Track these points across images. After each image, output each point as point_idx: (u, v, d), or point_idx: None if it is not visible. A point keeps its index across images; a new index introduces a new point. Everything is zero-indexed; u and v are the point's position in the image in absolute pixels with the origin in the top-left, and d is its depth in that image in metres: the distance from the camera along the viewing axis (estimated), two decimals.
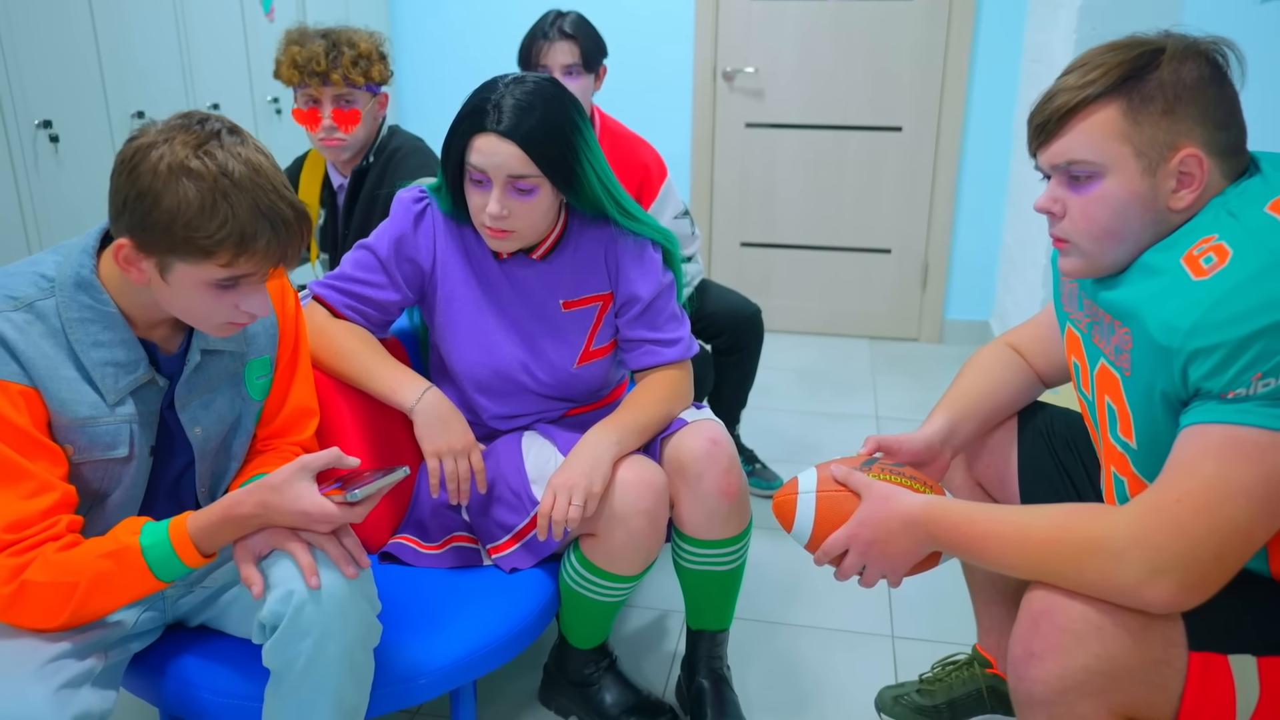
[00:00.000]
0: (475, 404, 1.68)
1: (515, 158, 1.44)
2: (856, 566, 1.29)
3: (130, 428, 1.23)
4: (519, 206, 1.48)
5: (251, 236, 1.11)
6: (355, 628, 1.21)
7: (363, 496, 1.18)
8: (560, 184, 1.50)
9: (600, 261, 1.63)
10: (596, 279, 1.64)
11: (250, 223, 1.11)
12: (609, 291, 1.65)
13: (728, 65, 3.82)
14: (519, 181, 1.46)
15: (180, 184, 1.09)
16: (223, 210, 1.10)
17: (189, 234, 1.10)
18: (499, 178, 1.45)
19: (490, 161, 1.45)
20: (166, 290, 1.16)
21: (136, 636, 1.31)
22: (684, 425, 1.58)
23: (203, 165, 1.09)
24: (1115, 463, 1.26)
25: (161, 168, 1.09)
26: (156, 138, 1.11)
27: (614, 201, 1.58)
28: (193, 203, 1.09)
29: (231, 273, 1.14)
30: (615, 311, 1.66)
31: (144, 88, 2.60)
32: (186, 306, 1.18)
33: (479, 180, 1.48)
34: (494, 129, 1.44)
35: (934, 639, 2.04)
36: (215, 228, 1.10)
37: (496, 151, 1.44)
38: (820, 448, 3.00)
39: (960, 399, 1.48)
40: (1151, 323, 1.08)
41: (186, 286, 1.15)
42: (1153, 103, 1.09)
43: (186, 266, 1.13)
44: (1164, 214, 1.12)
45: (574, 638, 1.70)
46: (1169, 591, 1.01)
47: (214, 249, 1.11)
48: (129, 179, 1.10)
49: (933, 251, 3.87)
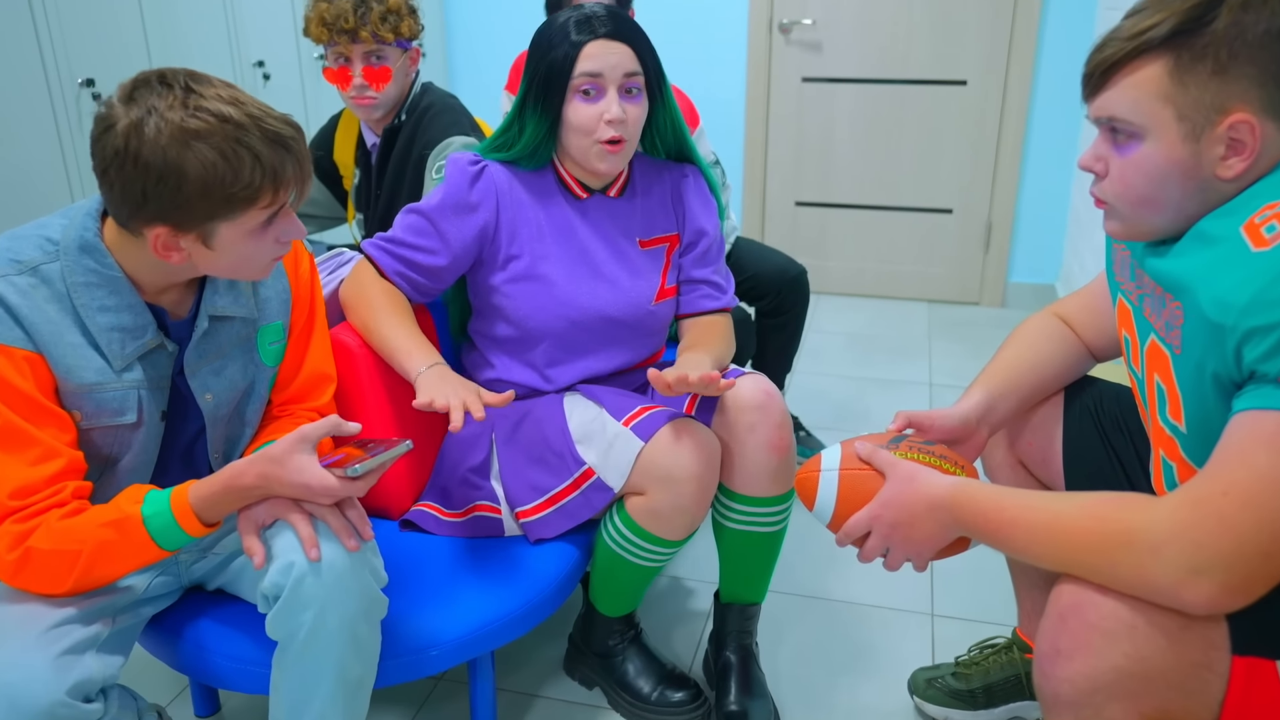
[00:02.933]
0: (542, 357, 1.64)
1: (627, 55, 1.52)
2: (879, 549, 1.23)
3: (138, 393, 1.22)
4: (631, 110, 1.54)
5: (280, 166, 1.11)
6: (357, 600, 1.19)
7: (364, 471, 1.16)
8: (655, 88, 1.58)
9: (668, 200, 1.69)
10: (665, 219, 1.69)
11: (271, 155, 1.10)
12: (676, 232, 1.70)
13: (784, 17, 3.69)
14: (630, 81, 1.52)
15: (194, 149, 1.06)
16: (245, 156, 1.08)
17: (228, 192, 1.08)
18: (615, 79, 1.51)
19: (607, 63, 1.50)
20: (211, 256, 1.15)
21: (150, 600, 1.31)
22: (741, 374, 1.56)
23: (203, 122, 1.06)
24: (1164, 446, 1.18)
25: (164, 142, 1.05)
26: (135, 114, 1.06)
27: (684, 127, 1.68)
28: (217, 161, 1.06)
29: (273, 210, 1.14)
30: (681, 251, 1.71)
31: (187, 45, 2.60)
32: (234, 262, 1.17)
33: (589, 90, 1.51)
34: (602, 34, 1.51)
35: (975, 618, 1.97)
36: (249, 175, 1.08)
37: (610, 51, 1.51)
38: (869, 415, 2.92)
39: (1000, 373, 1.40)
40: (1204, 297, 0.99)
41: (234, 244, 1.14)
42: (1202, 61, 0.98)
43: (230, 225, 1.12)
44: (1211, 183, 1.03)
45: (602, 604, 1.67)
46: (1210, 592, 0.92)
47: (255, 195, 1.10)
48: (137, 167, 1.06)
49: (997, 212, 3.71)
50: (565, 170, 1.63)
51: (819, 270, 3.94)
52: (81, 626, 1.13)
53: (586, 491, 1.50)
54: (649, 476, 1.45)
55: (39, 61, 2.16)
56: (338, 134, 2.28)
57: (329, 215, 2.38)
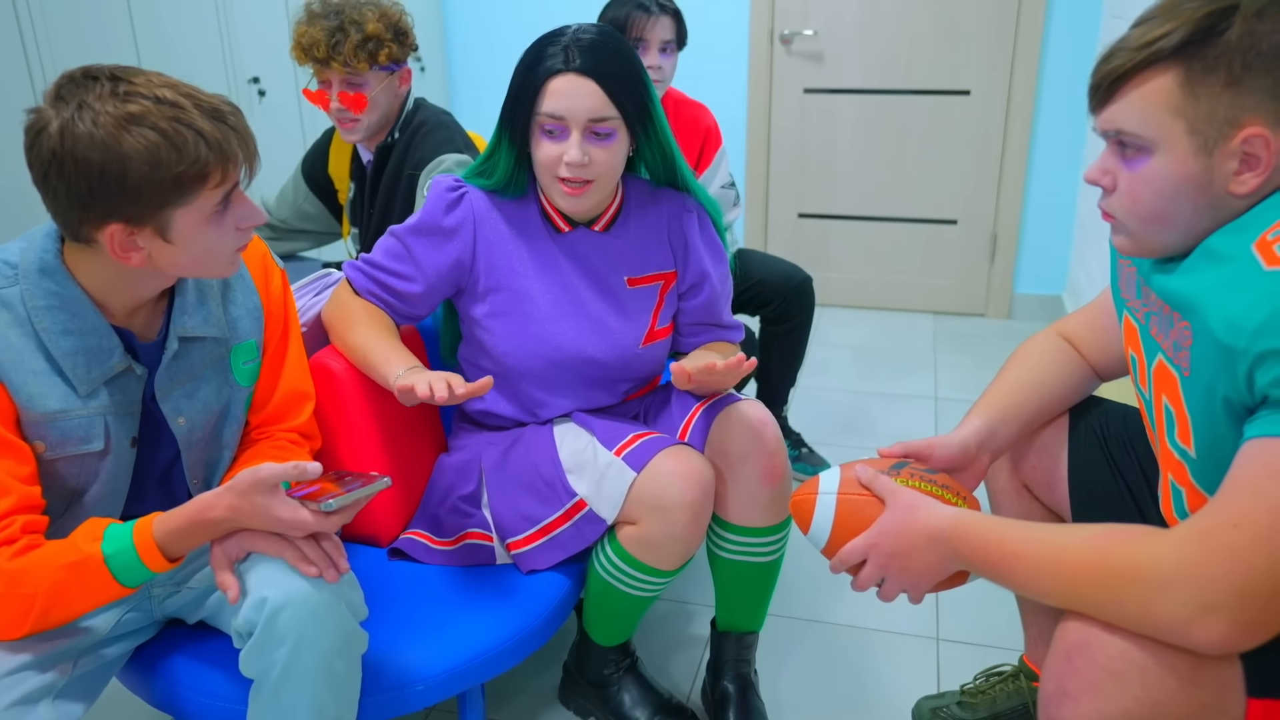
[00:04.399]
0: (524, 394, 1.60)
1: (595, 96, 1.39)
2: (875, 578, 1.18)
3: (104, 420, 1.18)
4: (598, 153, 1.42)
5: (224, 139, 1.08)
6: (333, 636, 1.14)
7: (338, 507, 1.13)
8: (637, 127, 1.45)
9: (664, 236, 1.59)
10: (660, 255, 1.59)
11: (214, 129, 1.07)
12: (672, 270, 1.60)
13: (785, 28, 3.65)
14: (598, 125, 1.40)
15: (133, 133, 1.02)
16: (187, 133, 1.04)
17: (175, 172, 1.04)
18: (578, 121, 1.40)
19: (569, 103, 1.39)
20: (172, 251, 1.11)
21: (120, 638, 1.27)
22: (734, 401, 1.51)
23: (139, 105, 1.03)
24: (1173, 470, 1.13)
25: (100, 134, 1.01)
26: (66, 112, 1.03)
27: (681, 160, 1.56)
28: (159, 142, 1.03)
29: (224, 189, 1.10)
30: (680, 291, 1.62)
31: (181, 63, 2.57)
32: (198, 254, 1.13)
33: (553, 130, 1.41)
34: (571, 68, 1.38)
35: (982, 643, 1.92)
36: (194, 151, 1.05)
37: (575, 91, 1.38)
38: (873, 430, 2.87)
39: (1001, 397, 1.35)
40: (1214, 318, 0.95)
41: (192, 232, 1.11)
42: (1214, 73, 0.94)
43: (184, 211, 1.08)
44: (1223, 199, 0.99)
45: (596, 634, 1.62)
46: (1220, 631, 0.88)
47: (204, 173, 1.07)
48: (78, 165, 1.02)
49: (1002, 222, 3.66)
50: (547, 202, 1.56)
51: (823, 282, 3.89)
52: (36, 674, 1.09)
53: (578, 523, 1.46)
54: (641, 506, 1.41)
55: (29, 85, 2.13)
56: (332, 148, 2.25)
57: (324, 230, 2.35)
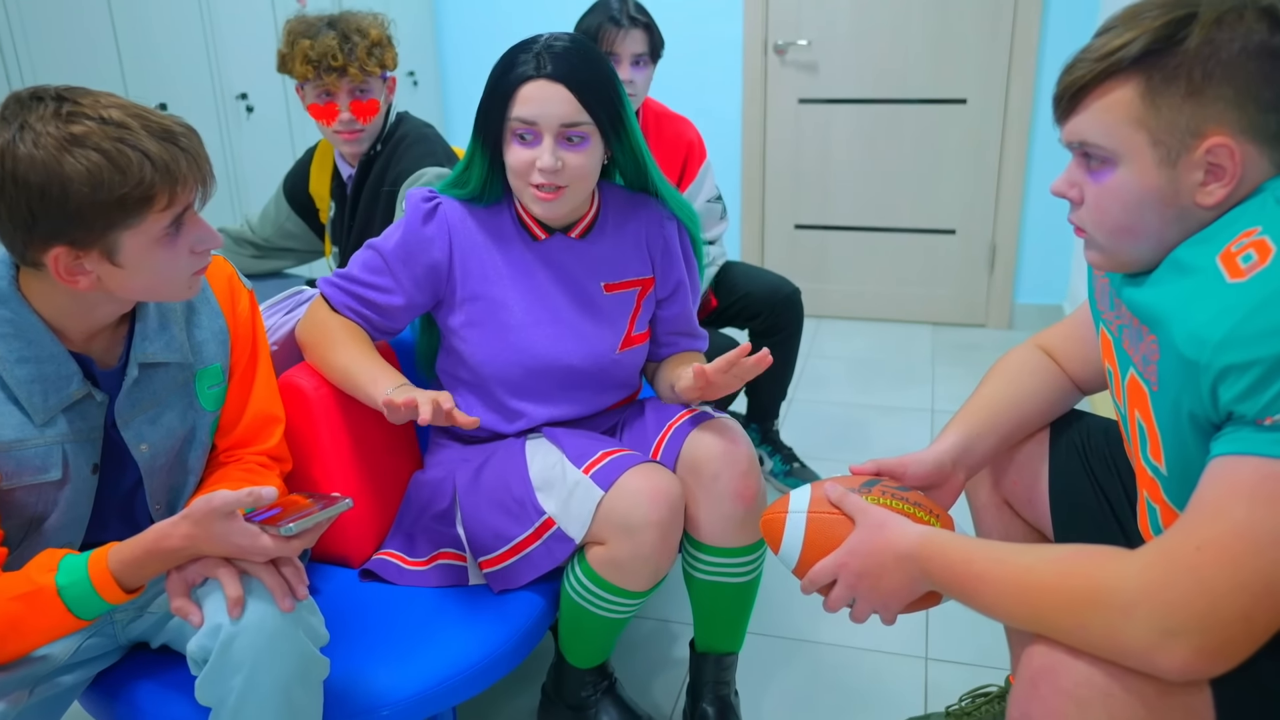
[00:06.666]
0: (501, 404, 1.58)
1: (567, 102, 1.39)
2: (845, 599, 1.16)
3: (62, 449, 1.16)
4: (571, 159, 1.42)
5: (172, 161, 1.05)
6: (291, 662, 1.12)
7: (299, 531, 1.11)
8: (610, 133, 1.45)
9: (642, 243, 1.59)
10: (638, 261, 1.59)
11: (161, 150, 1.05)
12: (650, 276, 1.60)
13: (779, 38, 3.64)
14: (570, 130, 1.40)
15: (74, 154, 1.00)
16: (132, 153, 1.02)
17: (118, 194, 1.02)
18: (550, 127, 1.39)
19: (541, 110, 1.39)
20: (121, 275, 1.09)
21: (81, 665, 1.25)
22: (705, 420, 1.49)
23: (82, 126, 1.01)
24: (1148, 487, 1.11)
25: (40, 155, 1.00)
26: (7, 134, 1.01)
27: (654, 168, 1.56)
28: (101, 164, 1.01)
29: (174, 211, 1.08)
30: (659, 298, 1.62)
31: (167, 78, 2.56)
32: (150, 279, 1.11)
33: (525, 136, 1.41)
34: (543, 74, 1.39)
35: (973, 663, 1.88)
36: (138, 171, 1.03)
37: (548, 98, 1.38)
38: (867, 444, 2.83)
39: (978, 412, 1.32)
40: (1178, 331, 0.93)
41: (141, 256, 1.08)
42: (1175, 82, 0.92)
43: (131, 234, 1.06)
44: (1190, 210, 0.96)
45: (572, 656, 1.59)
46: (1184, 656, 0.85)
47: (150, 195, 1.04)
48: (18, 186, 1.01)
49: (1001, 231, 3.63)
50: (522, 209, 1.55)
51: (820, 294, 3.86)
52: None
53: (548, 542, 1.43)
54: (609, 525, 1.38)
55: None
56: (313, 166, 2.24)
57: (306, 249, 2.34)
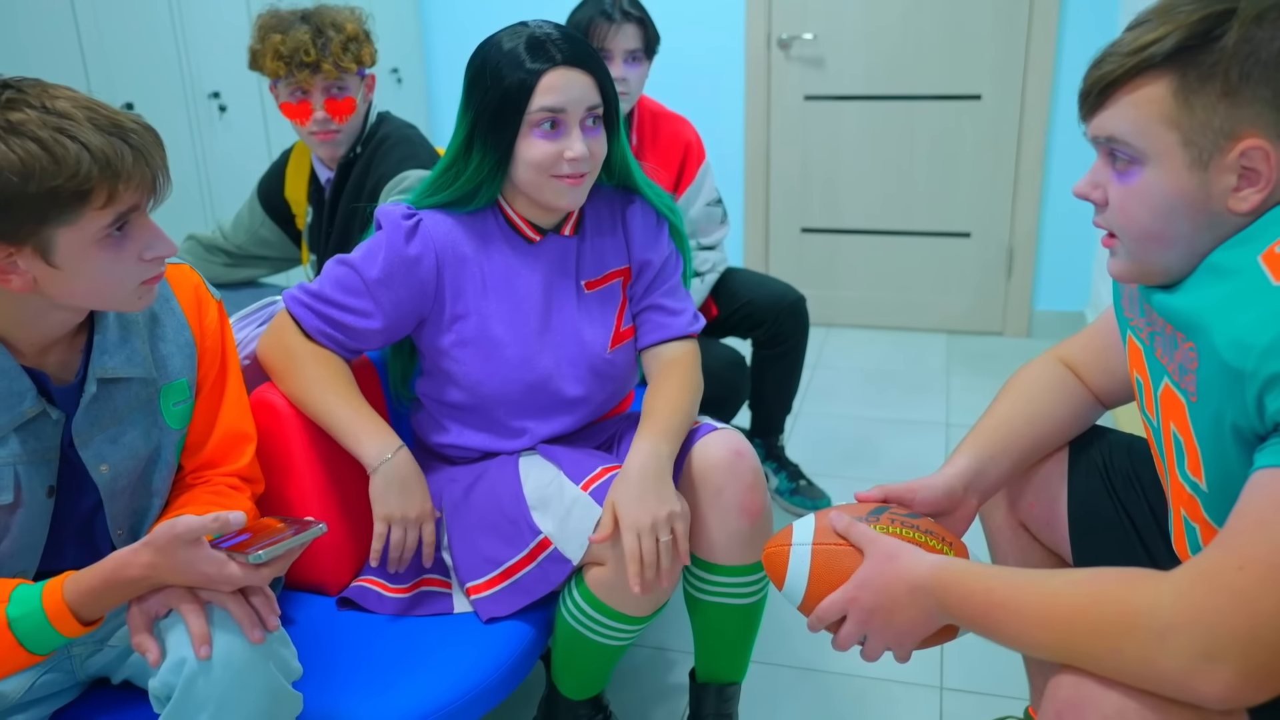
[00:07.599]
0: (499, 423, 1.50)
1: (589, 85, 1.38)
2: (856, 636, 1.08)
3: (14, 470, 1.09)
4: (595, 145, 1.41)
5: (115, 156, 0.99)
6: (259, 699, 1.04)
7: (269, 558, 1.04)
8: (613, 117, 1.44)
9: (619, 231, 1.55)
10: (615, 254, 1.55)
11: (104, 144, 0.99)
12: (626, 265, 1.56)
13: (783, 32, 3.53)
14: (592, 113, 1.39)
15: (8, 142, 0.95)
16: (69, 144, 0.97)
17: (50, 185, 0.96)
18: (577, 112, 1.37)
19: (568, 96, 1.36)
20: (59, 278, 1.02)
21: (36, 703, 1.17)
22: (708, 431, 1.42)
23: (21, 114, 0.96)
24: (1185, 505, 1.02)
25: None
26: None
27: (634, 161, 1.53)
28: (34, 151, 0.95)
29: (115, 210, 1.01)
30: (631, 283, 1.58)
31: (134, 76, 2.47)
32: (91, 283, 1.05)
33: (552, 125, 1.37)
34: (561, 62, 1.35)
35: (989, 692, 1.77)
36: (74, 163, 0.97)
37: (571, 83, 1.36)
38: (878, 460, 2.71)
39: (991, 432, 1.24)
40: (1220, 338, 0.86)
41: (79, 257, 1.02)
42: (1210, 81, 0.88)
43: (68, 231, 1.00)
44: (1222, 216, 0.91)
45: (565, 686, 1.50)
46: (1226, 681, 0.80)
47: (85, 188, 0.98)
48: None
49: (1018, 235, 3.50)
50: (514, 212, 1.46)
51: (829, 301, 3.74)
52: None
53: (543, 564, 1.35)
54: (610, 545, 1.30)
55: None
56: (289, 170, 2.15)
57: (282, 256, 2.25)
